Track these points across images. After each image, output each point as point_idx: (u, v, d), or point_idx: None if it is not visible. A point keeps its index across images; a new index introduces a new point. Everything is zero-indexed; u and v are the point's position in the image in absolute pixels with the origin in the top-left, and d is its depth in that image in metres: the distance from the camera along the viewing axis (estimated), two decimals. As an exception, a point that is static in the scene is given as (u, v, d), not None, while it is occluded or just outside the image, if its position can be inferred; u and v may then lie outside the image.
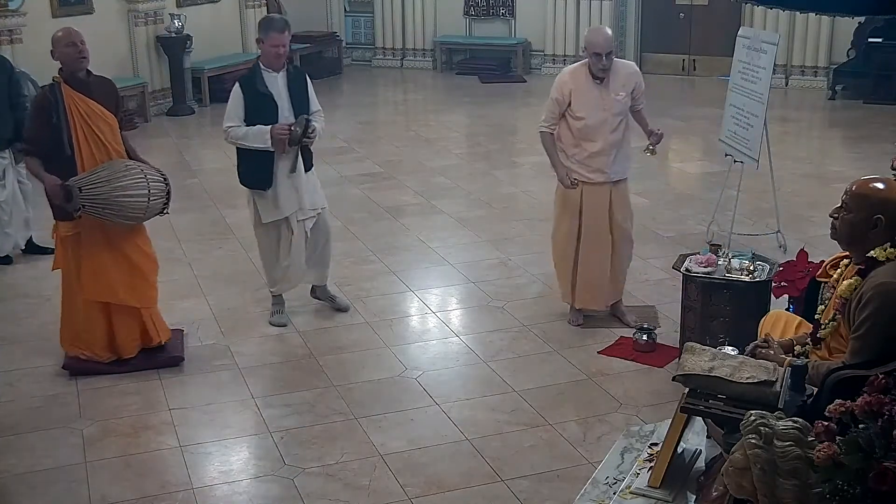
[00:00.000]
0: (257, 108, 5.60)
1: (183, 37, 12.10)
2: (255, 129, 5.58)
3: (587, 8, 14.26)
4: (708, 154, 9.88)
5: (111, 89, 5.38)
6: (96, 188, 5.00)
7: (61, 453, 4.62)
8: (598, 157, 5.63)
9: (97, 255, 5.23)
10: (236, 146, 5.74)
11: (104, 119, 5.19)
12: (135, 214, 5.20)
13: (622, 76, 5.66)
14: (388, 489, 4.29)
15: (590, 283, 5.81)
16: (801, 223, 7.69)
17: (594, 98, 5.60)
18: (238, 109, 5.63)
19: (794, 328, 4.07)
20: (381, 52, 15.91)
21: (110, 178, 5.05)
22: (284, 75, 5.69)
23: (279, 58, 5.63)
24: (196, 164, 10.00)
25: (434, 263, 7.07)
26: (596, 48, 5.52)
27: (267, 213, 5.80)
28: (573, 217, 5.75)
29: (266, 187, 5.72)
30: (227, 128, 5.66)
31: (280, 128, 5.57)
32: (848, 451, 2.65)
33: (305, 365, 5.51)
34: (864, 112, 11.88)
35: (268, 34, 5.60)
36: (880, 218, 3.45)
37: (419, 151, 10.46)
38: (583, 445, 4.60)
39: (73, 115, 5.09)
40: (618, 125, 5.65)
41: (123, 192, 5.07)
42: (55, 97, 5.08)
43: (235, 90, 5.67)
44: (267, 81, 5.64)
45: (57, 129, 5.07)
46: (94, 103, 5.16)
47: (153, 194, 5.18)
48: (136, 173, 5.16)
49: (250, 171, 5.75)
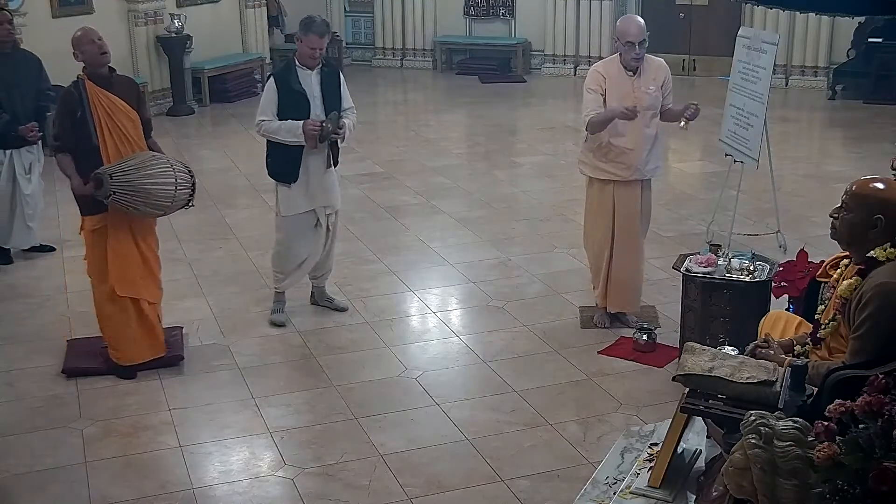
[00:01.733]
0: (290, 104, 5.67)
1: (183, 37, 12.11)
2: (287, 123, 5.65)
3: (587, 8, 14.27)
4: (708, 154, 9.88)
5: (133, 87, 5.49)
6: (126, 175, 5.07)
7: (61, 453, 4.62)
8: (629, 153, 5.54)
9: (123, 249, 5.28)
10: (267, 139, 5.79)
11: (126, 114, 5.26)
12: (162, 203, 5.23)
13: (652, 69, 5.58)
14: (388, 489, 4.29)
15: (623, 286, 5.77)
16: (801, 223, 7.69)
17: (626, 91, 5.50)
18: (271, 104, 5.69)
19: (794, 328, 4.07)
20: (381, 52, 15.91)
21: (139, 166, 5.12)
22: (318, 73, 5.76)
23: (314, 59, 5.70)
24: (196, 164, 9.95)
25: (434, 263, 7.07)
26: (629, 37, 5.42)
27: (287, 207, 5.87)
28: (607, 218, 5.68)
29: (292, 181, 5.80)
30: (261, 121, 5.73)
31: (312, 124, 5.62)
32: (848, 451, 2.65)
33: (305, 365, 5.51)
34: (864, 112, 11.88)
35: (307, 35, 5.65)
36: (880, 218, 3.45)
37: (419, 151, 10.47)
38: (583, 445, 4.60)
39: (96, 110, 5.17)
40: (650, 120, 5.58)
41: (152, 179, 5.13)
42: (79, 93, 5.16)
43: (270, 85, 5.75)
44: (301, 79, 5.70)
45: (83, 123, 5.15)
46: (117, 98, 5.24)
47: (180, 184, 5.25)
48: (163, 163, 5.24)
49: (278, 164, 5.83)
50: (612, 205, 5.67)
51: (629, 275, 5.77)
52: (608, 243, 5.72)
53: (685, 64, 14.25)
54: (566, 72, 14.59)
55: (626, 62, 5.51)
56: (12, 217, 7.06)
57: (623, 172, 5.60)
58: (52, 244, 7.39)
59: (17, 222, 7.09)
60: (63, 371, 5.39)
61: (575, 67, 14.46)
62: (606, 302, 5.84)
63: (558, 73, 14.68)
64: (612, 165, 5.62)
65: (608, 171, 5.63)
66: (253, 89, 13.12)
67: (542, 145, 10.71)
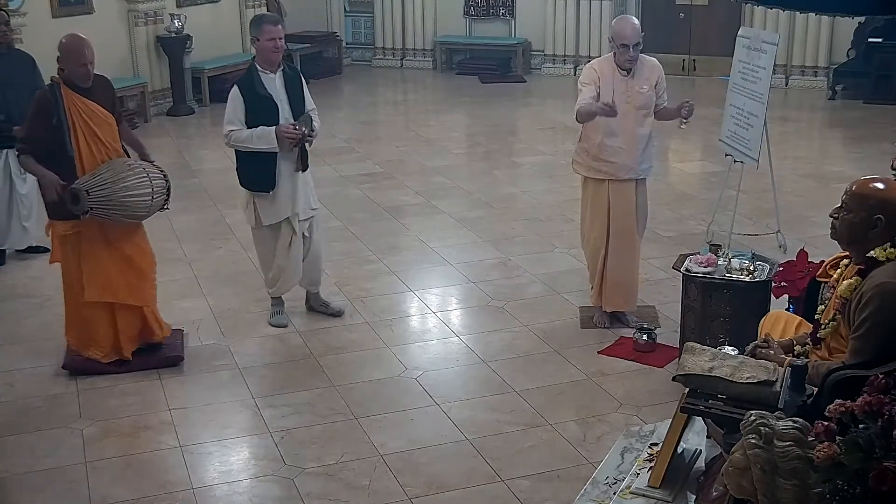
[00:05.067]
0: (258, 110, 5.56)
1: (183, 37, 12.10)
2: (258, 130, 5.53)
3: (587, 8, 14.27)
4: (708, 154, 9.88)
5: (109, 88, 5.40)
6: (102, 190, 5.03)
7: (61, 453, 4.62)
8: (623, 152, 5.56)
9: (96, 254, 5.24)
10: (237, 149, 5.70)
11: (104, 119, 5.21)
12: (139, 213, 5.23)
13: (646, 69, 5.59)
14: (388, 489, 4.29)
15: (619, 285, 5.77)
16: (801, 223, 7.69)
17: (620, 91, 5.52)
18: (238, 112, 5.58)
19: (794, 328, 4.07)
20: (381, 52, 15.91)
21: (114, 178, 5.07)
22: (281, 76, 5.67)
23: (276, 52, 5.58)
24: (196, 164, 10.00)
25: (434, 263, 7.07)
26: (624, 39, 5.43)
27: (267, 215, 5.77)
28: (602, 217, 5.69)
29: (270, 189, 5.68)
30: (229, 131, 5.59)
31: (286, 128, 5.55)
32: (848, 451, 2.65)
33: (305, 365, 5.51)
34: (864, 112, 11.88)
35: (261, 28, 5.56)
36: (880, 218, 3.45)
37: (419, 151, 10.47)
38: (583, 445, 4.60)
39: (72, 116, 5.10)
40: (643, 120, 5.60)
41: (128, 192, 5.11)
42: (55, 98, 5.09)
43: (234, 93, 5.61)
44: (265, 83, 5.61)
45: (58, 130, 5.08)
46: (94, 104, 5.18)
47: (156, 192, 5.24)
48: (139, 172, 5.19)
49: (252, 172, 5.70)
50: (608, 204, 5.68)
51: (624, 274, 5.78)
52: (604, 242, 5.73)
53: (685, 64, 14.25)
54: (566, 72, 14.58)
55: (621, 63, 5.52)
56: (9, 217, 7.05)
57: (617, 172, 5.62)
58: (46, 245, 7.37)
59: (14, 222, 7.08)
60: (64, 366, 5.39)
61: (575, 67, 14.44)
62: (602, 301, 5.85)
63: (558, 73, 14.67)
64: (606, 165, 5.63)
65: (602, 170, 5.65)
66: (253, 89, 13.11)
67: (541, 145, 10.71)
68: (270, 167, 5.64)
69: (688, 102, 5.61)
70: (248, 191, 5.79)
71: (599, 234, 5.74)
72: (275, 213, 5.76)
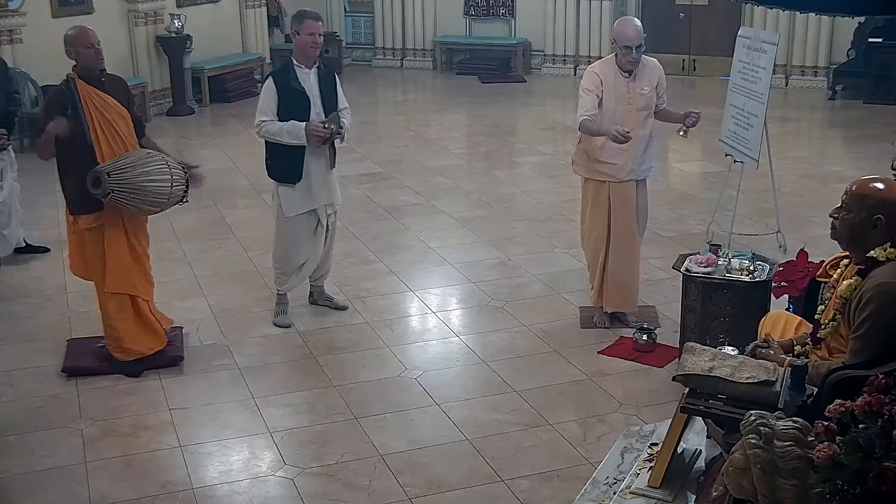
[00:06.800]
0: (290, 103, 5.64)
1: (183, 37, 12.11)
2: (289, 124, 5.61)
3: (587, 8, 14.28)
4: (708, 154, 9.88)
5: (124, 87, 5.46)
6: (123, 173, 5.07)
7: (61, 453, 4.62)
8: (624, 154, 5.55)
9: (119, 247, 5.29)
10: (266, 140, 5.75)
11: (119, 112, 5.25)
12: (159, 200, 5.24)
13: (647, 70, 5.59)
14: (388, 489, 4.29)
15: (619, 285, 5.77)
16: (801, 223, 7.69)
17: (621, 93, 5.52)
18: (271, 104, 5.65)
19: (794, 328, 4.07)
20: (381, 52, 15.91)
21: (135, 164, 5.13)
22: (316, 72, 5.74)
23: (315, 47, 5.65)
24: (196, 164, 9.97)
25: (434, 263, 7.07)
26: (626, 41, 5.43)
27: (290, 207, 5.83)
28: (603, 218, 5.69)
29: (296, 181, 5.76)
30: (261, 122, 5.67)
31: (315, 125, 5.61)
32: (848, 451, 2.65)
33: (305, 365, 5.51)
34: (864, 112, 11.88)
35: (302, 22, 5.63)
36: (880, 218, 3.45)
37: (419, 151, 10.47)
38: (583, 445, 4.60)
39: (88, 108, 5.15)
40: (644, 121, 5.60)
41: (148, 177, 5.14)
42: (71, 92, 5.14)
43: (268, 85, 5.69)
44: (300, 77, 5.67)
45: (76, 122, 5.13)
46: (109, 97, 5.23)
47: (175, 181, 5.26)
48: (158, 160, 5.25)
49: (280, 164, 5.79)
50: (608, 205, 5.68)
51: (625, 275, 5.77)
52: (604, 243, 5.73)
53: (685, 64, 14.26)
54: (566, 72, 14.59)
55: (623, 64, 5.52)
56: None
57: (618, 173, 5.62)
58: (46, 245, 7.36)
59: None
60: (63, 370, 5.39)
61: (575, 67, 14.45)
62: (602, 301, 5.84)
63: (558, 74, 14.68)
64: (606, 167, 5.63)
65: (603, 171, 5.65)
66: (253, 89, 13.10)
67: (541, 145, 10.71)
68: (298, 161, 5.72)
69: (695, 112, 5.62)
70: (274, 181, 5.86)
71: (600, 235, 5.74)
72: (298, 205, 5.82)
